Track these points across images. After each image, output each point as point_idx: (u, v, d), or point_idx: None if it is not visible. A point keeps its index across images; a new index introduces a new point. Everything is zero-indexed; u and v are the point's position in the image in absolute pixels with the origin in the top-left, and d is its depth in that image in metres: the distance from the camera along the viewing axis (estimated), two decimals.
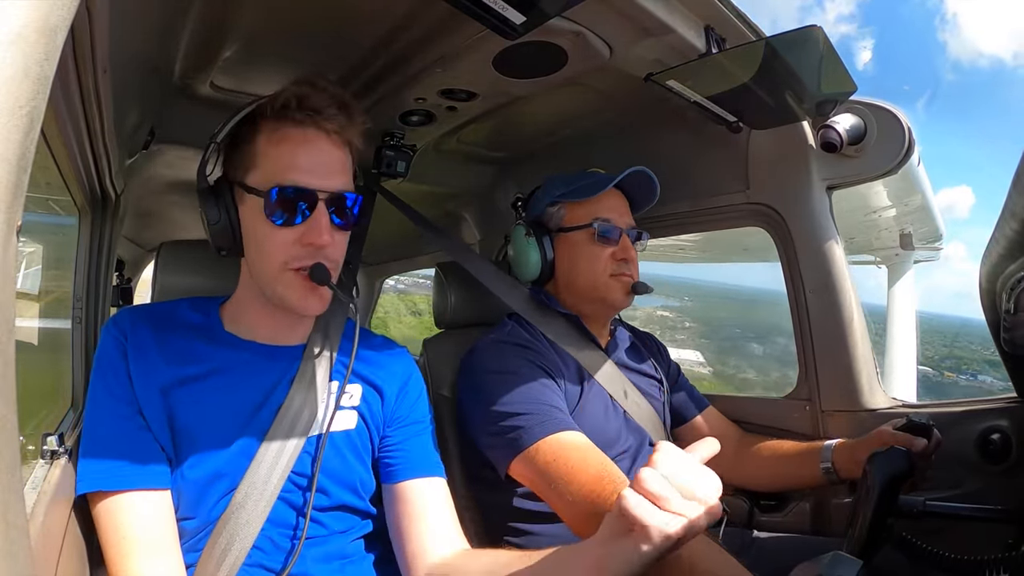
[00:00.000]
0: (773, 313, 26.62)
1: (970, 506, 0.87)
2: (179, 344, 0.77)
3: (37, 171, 0.44)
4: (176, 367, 0.75)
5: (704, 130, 1.25)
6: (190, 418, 0.73)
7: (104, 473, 0.69)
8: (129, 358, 0.74)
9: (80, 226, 1.13)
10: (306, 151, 0.73)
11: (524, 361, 1.02)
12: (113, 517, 0.68)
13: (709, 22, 0.95)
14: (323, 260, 0.74)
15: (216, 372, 0.76)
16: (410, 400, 0.89)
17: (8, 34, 0.26)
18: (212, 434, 0.73)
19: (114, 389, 0.73)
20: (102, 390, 0.73)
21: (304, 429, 0.77)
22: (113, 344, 0.75)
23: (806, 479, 1.12)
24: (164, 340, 0.76)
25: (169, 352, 0.75)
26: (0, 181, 0.26)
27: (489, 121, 1.31)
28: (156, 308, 0.82)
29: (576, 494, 0.84)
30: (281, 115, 0.73)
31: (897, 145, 1.10)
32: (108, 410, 0.72)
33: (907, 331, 3.91)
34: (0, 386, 0.28)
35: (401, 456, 0.85)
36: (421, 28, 0.92)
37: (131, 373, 0.73)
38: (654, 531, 0.52)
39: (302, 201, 0.72)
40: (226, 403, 0.75)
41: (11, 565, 0.28)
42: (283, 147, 0.73)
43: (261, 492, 0.73)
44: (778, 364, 18.46)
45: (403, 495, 0.82)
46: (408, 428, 0.87)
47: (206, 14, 0.86)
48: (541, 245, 1.14)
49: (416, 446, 0.86)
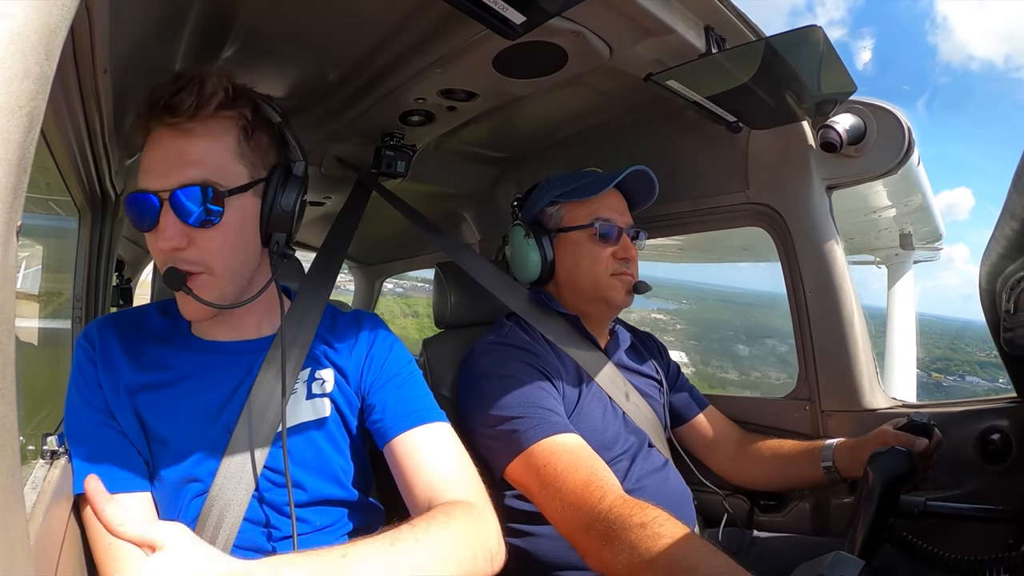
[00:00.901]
0: (765, 315, 26.63)
1: (970, 506, 0.87)
2: (145, 351, 0.76)
3: (37, 171, 0.44)
4: (142, 374, 0.75)
5: (704, 130, 1.24)
6: (159, 423, 0.73)
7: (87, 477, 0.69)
8: (98, 367, 0.74)
9: (80, 226, 1.13)
10: (150, 151, 0.70)
11: (521, 363, 1.02)
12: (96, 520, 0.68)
13: (709, 22, 0.95)
14: (176, 264, 0.70)
15: (181, 378, 0.76)
16: (379, 360, 0.84)
17: (8, 34, 0.26)
18: (181, 437, 0.73)
19: (87, 397, 0.74)
20: (77, 398, 0.74)
21: (273, 423, 0.74)
22: (83, 355, 0.75)
23: (807, 479, 1.12)
24: (131, 349, 0.76)
25: (135, 360, 0.75)
26: (0, 181, 0.26)
27: (489, 121, 1.31)
28: (125, 316, 0.81)
29: (564, 501, 0.84)
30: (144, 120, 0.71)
31: (897, 145, 1.10)
32: (84, 416, 0.73)
33: (907, 331, 3.90)
34: (0, 386, 0.28)
35: (385, 415, 0.80)
36: (421, 28, 0.92)
37: (101, 381, 0.74)
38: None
39: (145, 206, 0.69)
40: (192, 407, 0.74)
41: (11, 565, 0.28)
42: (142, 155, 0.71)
43: (235, 491, 0.71)
44: (760, 364, 18.47)
45: (396, 452, 0.77)
46: (385, 386, 0.82)
47: (206, 14, 0.86)
48: (541, 246, 1.14)
49: (397, 399, 0.80)
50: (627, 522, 0.75)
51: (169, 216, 0.68)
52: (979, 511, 0.86)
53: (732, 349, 19.50)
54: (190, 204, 0.68)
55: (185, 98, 0.67)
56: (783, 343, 19.54)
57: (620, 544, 0.74)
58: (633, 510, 0.77)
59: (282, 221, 0.74)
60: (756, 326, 26.24)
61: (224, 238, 0.71)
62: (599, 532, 0.77)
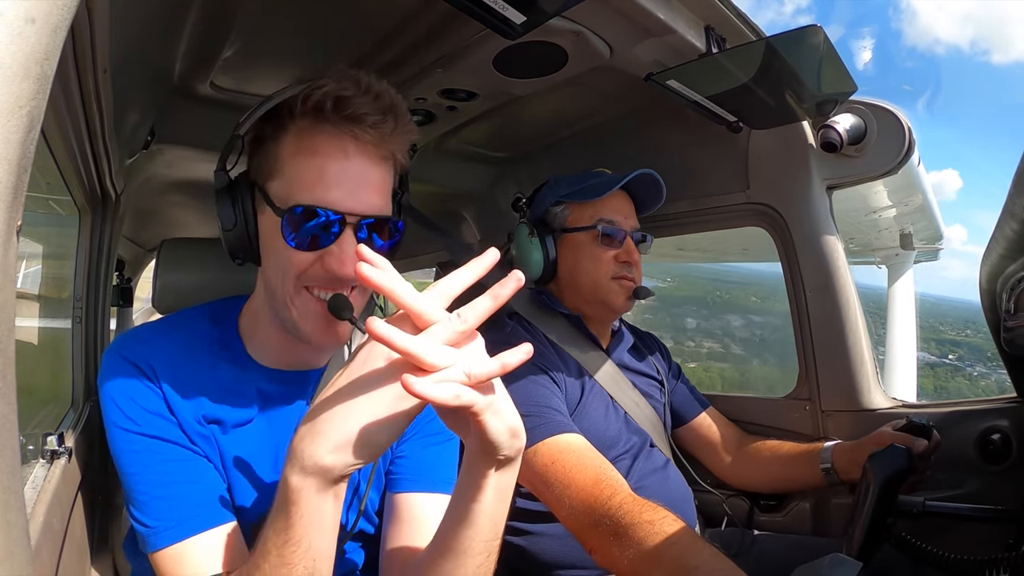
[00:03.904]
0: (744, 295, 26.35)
1: (970, 506, 0.87)
2: (210, 375, 0.69)
3: (37, 171, 0.44)
4: (215, 404, 0.68)
5: (704, 130, 1.24)
6: (232, 459, 0.68)
7: (180, 520, 0.61)
8: (164, 391, 0.65)
9: (80, 226, 1.13)
10: (338, 166, 0.62)
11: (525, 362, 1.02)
12: (194, 559, 0.60)
13: (709, 22, 0.95)
14: (345, 291, 0.65)
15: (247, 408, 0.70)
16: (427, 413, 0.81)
17: (8, 33, 0.26)
18: (248, 472, 0.68)
19: (153, 427, 0.64)
20: (134, 430, 0.63)
21: None
22: (135, 373, 0.65)
23: (806, 481, 1.12)
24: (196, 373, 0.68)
25: (205, 386, 0.68)
26: (0, 181, 0.26)
27: (489, 121, 1.31)
28: (172, 328, 0.71)
29: (574, 497, 0.85)
30: (314, 117, 0.62)
31: (897, 145, 1.10)
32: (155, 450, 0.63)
33: (907, 331, 3.90)
34: (0, 385, 0.28)
35: (406, 466, 0.75)
36: (421, 28, 0.92)
37: (170, 406, 0.65)
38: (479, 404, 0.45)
39: (326, 225, 0.62)
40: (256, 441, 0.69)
41: (11, 565, 0.28)
42: (312, 159, 0.62)
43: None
44: (707, 337, 18.41)
45: (400, 508, 0.73)
46: (421, 440, 0.77)
47: (206, 14, 0.86)
48: (544, 245, 1.14)
49: (427, 458, 0.76)
50: (637, 519, 0.77)
51: (352, 241, 0.62)
52: (979, 511, 0.86)
53: (681, 323, 19.32)
54: (377, 237, 0.65)
55: (385, 120, 0.62)
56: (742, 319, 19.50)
57: (628, 540, 0.76)
58: (643, 508, 0.79)
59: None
60: (727, 304, 26.00)
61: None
62: (608, 528, 0.79)
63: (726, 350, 17.82)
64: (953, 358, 24.87)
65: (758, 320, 20.72)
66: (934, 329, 29.37)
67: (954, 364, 24.10)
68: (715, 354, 17.26)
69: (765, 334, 18.47)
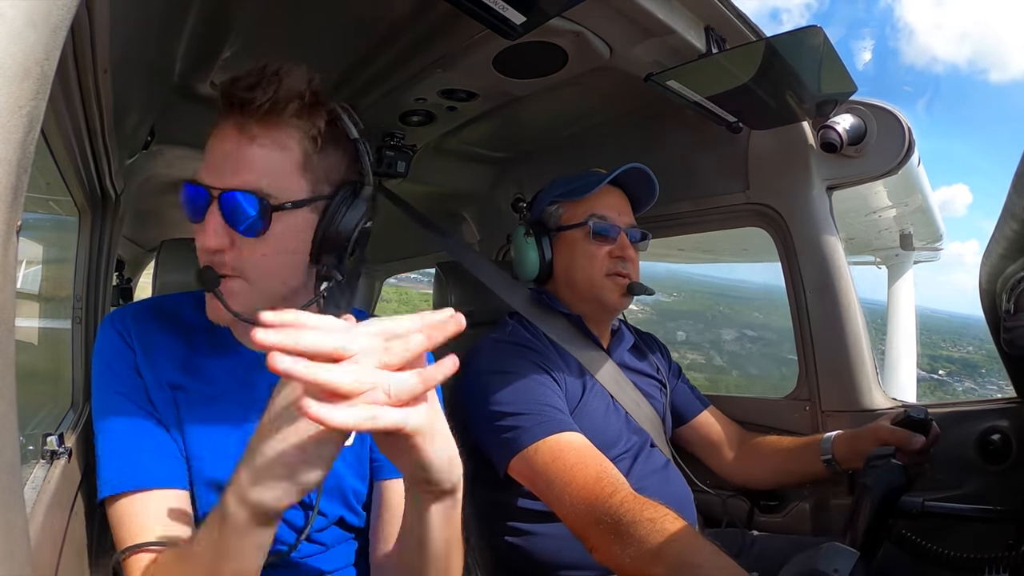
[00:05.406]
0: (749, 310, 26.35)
1: (970, 506, 0.87)
2: (184, 349, 0.72)
3: (37, 171, 0.44)
4: (182, 373, 0.71)
5: (704, 130, 1.25)
6: (192, 424, 0.70)
7: (128, 472, 0.64)
8: (137, 353, 0.69)
9: (80, 226, 1.13)
10: (215, 141, 0.66)
11: (524, 361, 1.02)
12: (137, 518, 0.63)
13: (709, 22, 0.95)
14: (214, 264, 0.66)
15: (216, 381, 0.72)
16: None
17: (8, 33, 0.26)
18: (210, 442, 0.70)
19: (124, 386, 0.68)
20: (109, 389, 0.68)
21: None
22: (117, 339, 0.70)
23: (808, 473, 1.12)
24: (170, 343, 0.72)
25: (175, 356, 0.71)
26: (0, 181, 0.26)
27: (489, 121, 1.31)
28: (160, 306, 0.76)
29: (575, 496, 0.85)
30: (222, 105, 0.66)
31: (897, 145, 1.10)
32: (120, 408, 0.67)
33: (907, 331, 3.90)
34: (0, 385, 0.28)
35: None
36: (421, 28, 0.92)
37: (140, 370, 0.69)
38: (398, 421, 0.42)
39: (197, 199, 0.66)
40: (222, 413, 0.71)
41: (11, 565, 0.28)
42: (209, 143, 0.67)
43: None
44: (694, 349, 18.48)
45: (386, 495, 0.75)
46: None
47: (206, 14, 0.86)
48: (539, 244, 1.14)
49: None
50: (638, 517, 0.77)
51: (216, 216, 0.65)
52: (978, 511, 0.86)
53: (692, 336, 19.28)
54: (239, 210, 0.64)
55: (259, 95, 0.63)
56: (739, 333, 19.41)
57: (629, 538, 0.76)
58: (644, 506, 0.79)
59: (336, 244, 0.69)
60: (722, 318, 25.91)
61: (267, 250, 0.67)
62: (609, 526, 0.79)
63: (733, 364, 17.77)
64: (943, 373, 24.94)
65: (768, 336, 20.70)
66: (933, 345, 29.42)
67: (941, 379, 24.12)
68: (720, 367, 17.26)
69: (770, 350, 18.45)
